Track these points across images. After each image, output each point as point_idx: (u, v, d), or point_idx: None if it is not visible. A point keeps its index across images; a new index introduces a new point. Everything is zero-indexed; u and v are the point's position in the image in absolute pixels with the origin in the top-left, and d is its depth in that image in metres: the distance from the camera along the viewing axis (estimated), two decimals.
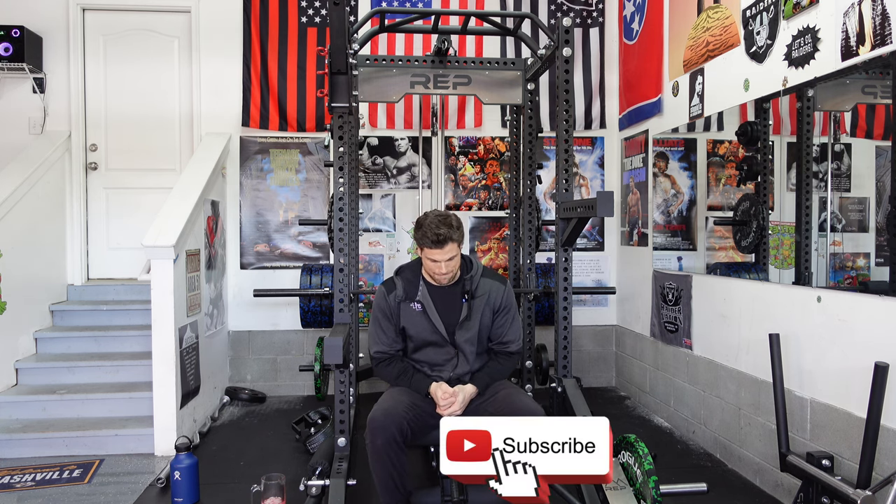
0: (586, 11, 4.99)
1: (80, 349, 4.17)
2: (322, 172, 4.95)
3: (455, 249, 2.50)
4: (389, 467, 2.34)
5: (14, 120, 4.75)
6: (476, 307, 2.61)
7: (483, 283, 2.64)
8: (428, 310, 2.58)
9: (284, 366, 4.94)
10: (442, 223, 2.47)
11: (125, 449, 3.58)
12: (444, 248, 2.47)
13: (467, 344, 2.61)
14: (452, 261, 2.51)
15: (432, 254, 2.48)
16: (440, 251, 2.47)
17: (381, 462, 2.34)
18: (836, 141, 2.93)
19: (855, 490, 2.17)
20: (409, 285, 2.61)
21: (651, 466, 2.42)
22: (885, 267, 2.61)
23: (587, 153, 5.13)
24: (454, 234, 2.48)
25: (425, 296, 2.58)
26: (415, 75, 3.88)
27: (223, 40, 4.84)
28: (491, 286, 2.64)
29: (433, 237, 2.45)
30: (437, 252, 2.47)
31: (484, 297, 2.62)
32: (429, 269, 2.54)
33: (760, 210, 3.31)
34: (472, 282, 2.62)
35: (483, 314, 2.61)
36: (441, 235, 2.45)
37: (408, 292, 2.59)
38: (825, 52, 2.66)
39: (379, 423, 2.34)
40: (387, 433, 2.32)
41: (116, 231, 4.91)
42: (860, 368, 2.45)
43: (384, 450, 2.32)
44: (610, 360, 5.17)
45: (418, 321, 2.59)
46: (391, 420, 2.35)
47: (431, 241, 2.46)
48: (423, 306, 2.58)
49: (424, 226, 2.49)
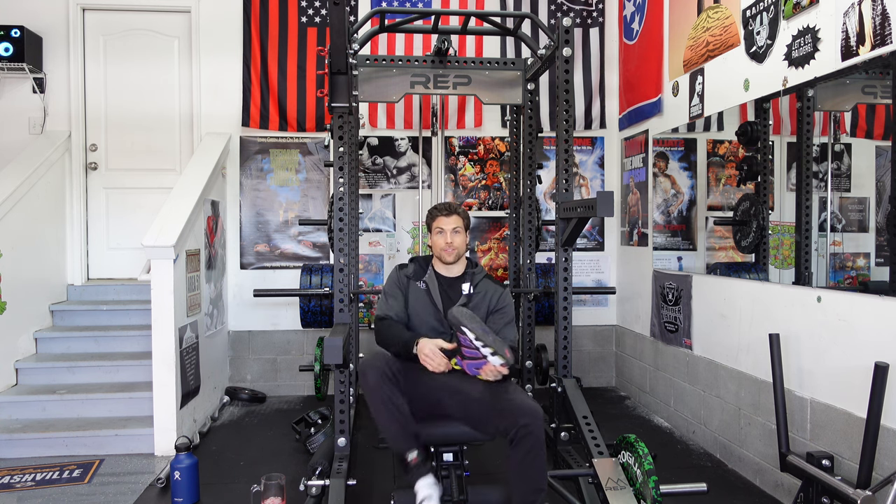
0: (586, 11, 4.99)
1: (80, 349, 4.16)
2: (322, 172, 4.95)
3: (461, 223, 2.73)
4: (388, 403, 2.36)
5: (14, 120, 4.75)
6: (474, 299, 2.73)
7: (483, 282, 2.80)
8: (431, 290, 2.73)
9: (284, 366, 4.94)
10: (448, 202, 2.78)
11: (125, 449, 3.58)
12: (450, 217, 2.72)
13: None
14: (458, 235, 2.72)
15: (440, 222, 2.72)
16: (447, 219, 2.71)
17: (380, 398, 2.37)
18: (836, 141, 2.93)
19: (855, 490, 2.17)
20: (420, 268, 2.81)
21: (651, 466, 2.42)
22: (885, 267, 2.61)
23: (587, 153, 5.13)
24: (459, 209, 2.77)
25: (432, 279, 2.76)
26: (415, 75, 3.88)
27: (223, 40, 4.84)
28: (490, 287, 2.80)
29: (444, 206, 2.76)
30: (444, 220, 2.71)
31: (482, 293, 2.76)
32: (436, 243, 2.75)
33: (760, 210, 3.31)
34: (473, 276, 2.79)
35: (479, 308, 2.71)
36: (449, 207, 2.76)
37: (417, 273, 2.79)
38: (825, 52, 2.66)
39: (368, 363, 2.44)
40: (377, 370, 2.39)
41: (116, 231, 4.91)
42: (860, 368, 2.46)
43: (376, 385, 2.37)
44: (610, 360, 5.17)
45: (421, 298, 2.73)
46: (379, 359, 2.45)
47: (441, 209, 2.75)
48: (427, 286, 2.74)
49: (433, 206, 2.83)
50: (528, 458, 2.30)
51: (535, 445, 2.30)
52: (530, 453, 2.30)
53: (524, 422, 2.30)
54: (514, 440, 2.31)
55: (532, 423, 2.30)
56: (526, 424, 2.29)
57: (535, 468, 2.31)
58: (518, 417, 2.31)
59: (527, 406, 2.38)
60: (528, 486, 2.31)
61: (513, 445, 2.31)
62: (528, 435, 2.29)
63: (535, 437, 2.30)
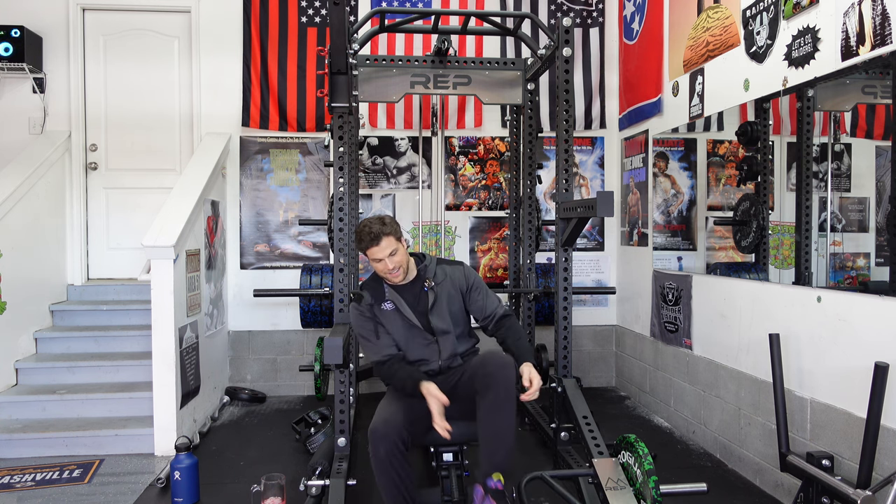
0: (586, 11, 4.99)
1: (80, 349, 4.16)
2: (322, 172, 4.95)
3: (393, 243, 2.53)
4: (394, 476, 2.32)
5: (14, 120, 4.75)
6: (441, 292, 2.67)
7: (440, 269, 2.72)
8: (399, 306, 2.63)
9: (284, 366, 4.94)
10: (373, 222, 2.53)
11: (125, 449, 3.58)
12: (380, 244, 2.51)
13: (443, 325, 2.65)
14: (395, 256, 2.54)
15: (373, 252, 2.53)
16: (378, 248, 2.51)
17: (386, 472, 2.33)
18: (836, 141, 2.93)
19: (855, 490, 2.17)
20: (375, 291, 2.67)
21: (651, 466, 2.42)
22: (885, 267, 2.61)
23: (587, 153, 5.13)
24: (386, 228, 2.52)
25: (393, 294, 2.65)
26: (415, 75, 3.89)
27: (223, 40, 4.84)
28: (448, 271, 2.73)
29: (368, 236, 2.51)
30: (376, 249, 2.51)
31: (445, 281, 2.69)
32: (378, 271, 2.61)
33: (760, 210, 3.31)
34: (426, 270, 2.70)
35: (450, 297, 2.68)
36: (374, 232, 2.50)
37: (375, 297, 2.66)
38: (825, 52, 2.66)
39: (381, 433, 2.33)
40: (389, 442, 2.31)
41: (116, 231, 4.91)
42: (860, 368, 2.46)
43: (388, 459, 2.31)
44: (610, 360, 5.17)
45: (393, 319, 2.64)
46: (392, 429, 2.34)
47: (367, 240, 2.52)
48: (394, 304, 2.64)
49: (358, 231, 2.57)
50: (493, 408, 2.29)
51: (498, 395, 2.29)
52: (494, 403, 2.28)
53: (488, 370, 2.30)
54: (479, 391, 2.31)
55: (496, 371, 2.30)
56: (490, 373, 2.30)
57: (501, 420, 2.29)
58: (482, 367, 2.33)
59: (493, 357, 2.39)
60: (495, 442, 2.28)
61: (479, 396, 2.31)
62: (491, 384, 2.29)
63: (499, 385, 2.29)
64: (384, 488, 2.35)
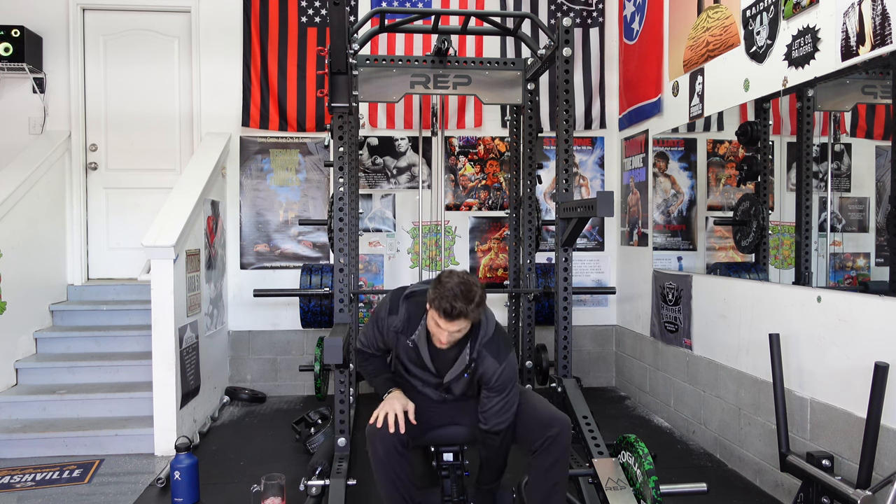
0: (586, 11, 4.99)
1: (80, 349, 4.17)
2: (322, 172, 4.95)
3: (466, 325, 2.19)
4: (394, 476, 2.31)
5: (14, 120, 4.75)
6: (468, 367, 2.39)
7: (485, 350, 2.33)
8: (421, 351, 2.37)
9: (284, 366, 4.94)
10: (462, 295, 2.13)
11: (125, 449, 3.58)
12: (453, 322, 2.16)
13: (457, 385, 2.44)
14: (459, 332, 2.22)
15: (441, 323, 2.18)
16: (448, 323, 2.16)
17: (385, 472, 2.32)
18: (836, 141, 2.93)
19: (855, 490, 2.17)
20: (410, 323, 2.37)
21: (651, 466, 2.43)
22: (885, 267, 2.61)
23: (587, 153, 5.13)
24: (471, 312, 2.15)
25: (421, 339, 2.36)
26: (415, 75, 3.89)
27: (223, 40, 4.84)
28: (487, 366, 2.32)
29: (446, 307, 2.13)
30: (444, 322, 2.17)
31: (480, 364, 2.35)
32: (430, 328, 2.27)
33: (760, 210, 3.31)
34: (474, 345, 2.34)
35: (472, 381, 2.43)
36: (456, 310, 2.13)
37: (406, 328, 2.37)
38: (825, 52, 2.66)
39: (379, 433, 2.31)
40: (387, 442, 2.30)
41: (116, 231, 4.91)
42: (860, 368, 2.46)
43: (386, 458, 2.30)
44: (610, 360, 5.17)
45: (410, 354, 2.41)
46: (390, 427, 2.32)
47: (443, 310, 2.14)
48: (415, 345, 2.37)
49: (442, 287, 2.16)
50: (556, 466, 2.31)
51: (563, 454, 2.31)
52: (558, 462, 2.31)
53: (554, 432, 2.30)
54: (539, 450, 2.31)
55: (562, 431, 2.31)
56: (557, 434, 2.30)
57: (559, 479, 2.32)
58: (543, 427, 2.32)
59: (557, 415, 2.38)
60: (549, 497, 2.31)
61: (536, 455, 2.32)
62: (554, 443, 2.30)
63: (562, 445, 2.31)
64: (383, 488, 2.34)
